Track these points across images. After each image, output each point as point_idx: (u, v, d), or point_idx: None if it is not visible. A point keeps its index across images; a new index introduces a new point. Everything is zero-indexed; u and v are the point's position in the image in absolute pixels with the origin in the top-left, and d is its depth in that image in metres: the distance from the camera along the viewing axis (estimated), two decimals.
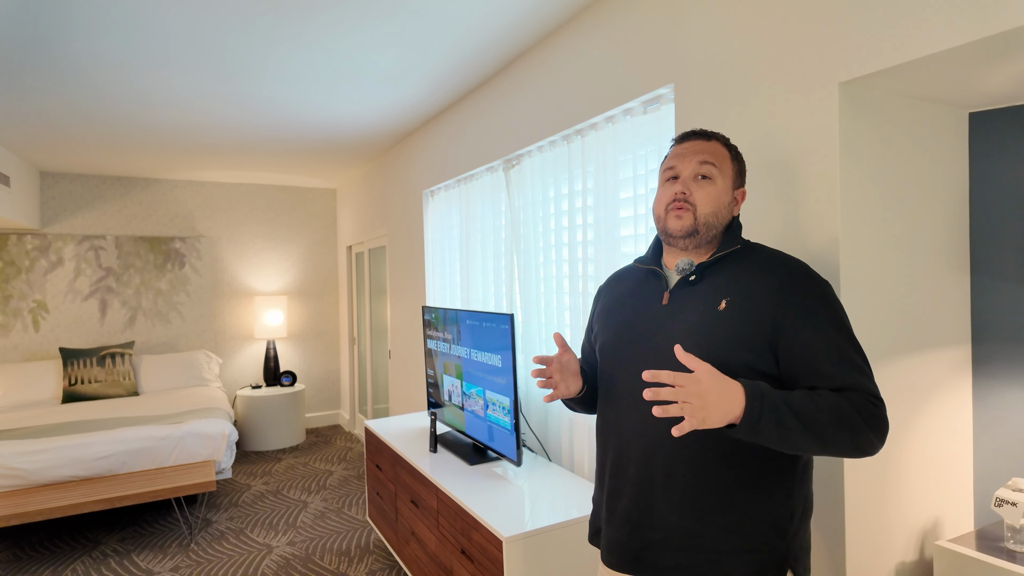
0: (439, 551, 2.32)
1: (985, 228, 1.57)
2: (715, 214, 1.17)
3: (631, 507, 1.17)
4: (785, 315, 1.07)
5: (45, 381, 4.61)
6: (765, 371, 1.09)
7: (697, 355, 1.10)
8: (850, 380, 1.03)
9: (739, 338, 1.08)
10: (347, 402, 5.95)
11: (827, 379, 1.04)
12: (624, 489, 1.19)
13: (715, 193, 1.17)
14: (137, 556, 3.24)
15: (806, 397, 0.99)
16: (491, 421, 2.46)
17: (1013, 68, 1.26)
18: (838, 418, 0.98)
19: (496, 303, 3.03)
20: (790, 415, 0.96)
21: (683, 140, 1.23)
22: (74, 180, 5.03)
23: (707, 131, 1.23)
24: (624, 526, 1.18)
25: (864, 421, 0.99)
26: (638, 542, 1.15)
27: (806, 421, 0.96)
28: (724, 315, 1.10)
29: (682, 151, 1.21)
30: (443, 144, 3.53)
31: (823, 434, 0.97)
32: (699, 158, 1.18)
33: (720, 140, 1.22)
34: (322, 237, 6.04)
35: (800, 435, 0.96)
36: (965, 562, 1.33)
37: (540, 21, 2.32)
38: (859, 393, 1.02)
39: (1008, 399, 1.53)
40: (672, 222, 1.18)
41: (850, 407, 0.99)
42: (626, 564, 1.16)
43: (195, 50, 2.52)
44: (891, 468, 1.46)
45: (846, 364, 1.04)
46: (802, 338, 1.06)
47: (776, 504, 1.10)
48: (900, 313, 1.47)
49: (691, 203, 1.17)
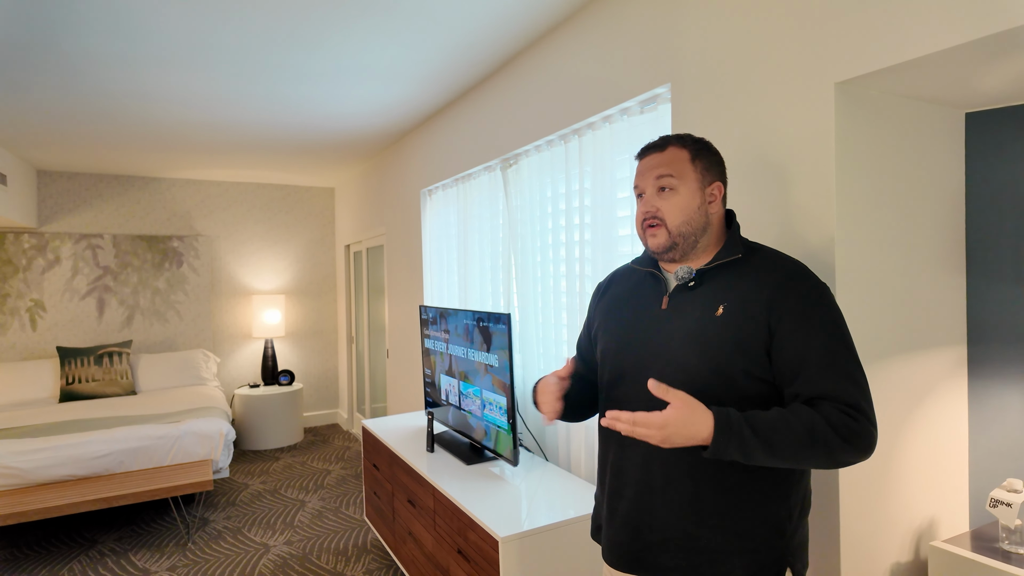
0: (436, 551, 2.32)
1: (981, 228, 1.57)
2: (687, 222, 1.17)
3: (631, 509, 1.18)
4: (778, 319, 1.08)
5: (42, 380, 4.60)
6: (763, 377, 1.09)
7: (696, 362, 1.11)
8: (834, 388, 1.02)
9: (736, 344, 1.08)
10: (345, 401, 5.95)
11: (811, 385, 1.04)
12: (625, 491, 1.20)
13: (680, 202, 1.17)
14: (134, 555, 3.24)
15: (780, 421, 1.00)
16: (488, 421, 2.46)
17: (1009, 68, 1.26)
18: (811, 439, 0.98)
19: (494, 303, 3.03)
20: (757, 445, 0.98)
21: (642, 156, 1.24)
22: (71, 179, 5.02)
23: (663, 138, 1.22)
24: (625, 527, 1.19)
25: (841, 437, 0.99)
26: (638, 543, 1.17)
27: (775, 449, 0.99)
28: (721, 321, 1.11)
29: (642, 168, 1.22)
30: (441, 143, 3.53)
31: (793, 457, 1.00)
32: (655, 173, 1.19)
33: (677, 143, 1.20)
34: (320, 236, 6.03)
35: (768, 459, 1.00)
36: (959, 563, 1.33)
37: (535, 20, 2.32)
38: (840, 405, 1.02)
39: (1004, 399, 1.53)
40: (650, 241, 1.20)
41: (825, 425, 0.99)
42: (627, 564, 1.19)
43: (193, 49, 2.52)
44: (886, 468, 1.46)
45: (834, 370, 1.04)
46: (792, 342, 1.06)
47: (775, 505, 1.11)
48: (896, 313, 1.47)
49: (660, 218, 1.18)
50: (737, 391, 1.09)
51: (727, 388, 1.09)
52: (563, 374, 1.25)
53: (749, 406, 1.09)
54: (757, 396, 1.09)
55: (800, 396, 1.05)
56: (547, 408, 1.24)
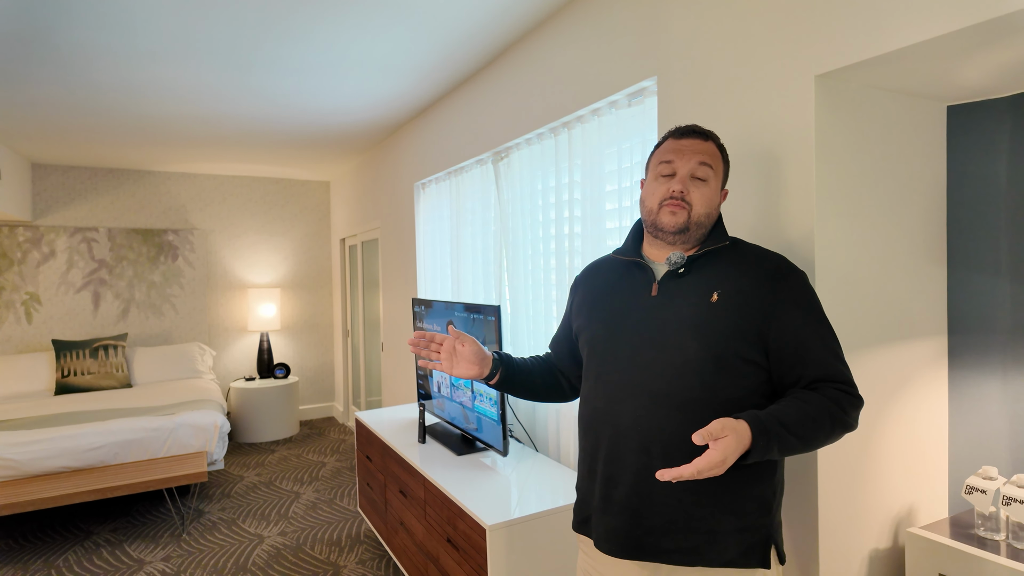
0: (426, 540, 2.34)
1: (962, 220, 1.59)
2: (708, 215, 1.21)
3: (630, 495, 1.18)
4: (776, 307, 1.14)
5: (38, 373, 4.62)
6: (755, 360, 1.15)
7: (694, 346, 1.14)
8: (832, 370, 1.12)
9: (733, 329, 1.13)
10: (341, 395, 5.97)
11: (814, 368, 1.12)
12: (622, 477, 1.20)
13: (709, 194, 1.21)
14: (129, 546, 3.27)
15: (801, 412, 1.06)
16: (479, 412, 2.48)
17: (990, 60, 1.28)
18: (832, 424, 1.08)
19: (486, 295, 3.05)
20: (794, 440, 1.05)
21: (682, 136, 1.23)
22: (66, 172, 5.02)
23: (705, 130, 1.24)
24: (623, 513, 1.19)
25: (848, 416, 1.10)
26: (639, 528, 1.17)
27: (806, 439, 1.06)
28: (718, 307, 1.15)
29: (681, 148, 1.22)
30: (433, 137, 3.53)
31: (821, 441, 1.09)
32: (698, 158, 1.20)
33: (715, 141, 1.24)
34: (315, 229, 6.04)
35: (801, 450, 1.07)
36: (935, 548, 1.36)
37: (525, 13, 2.33)
38: (840, 385, 1.12)
39: (983, 389, 1.55)
40: (666, 218, 1.20)
41: (836, 406, 1.09)
42: (627, 550, 1.18)
43: (183, 42, 2.52)
44: (866, 457, 1.48)
45: (828, 354, 1.13)
46: (791, 329, 1.13)
47: (763, 483, 1.16)
48: (877, 305, 1.49)
49: (688, 202, 1.19)
50: (730, 372, 1.14)
51: (722, 370, 1.13)
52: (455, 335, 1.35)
53: (741, 386, 1.14)
54: (747, 376, 1.15)
55: (803, 379, 1.13)
56: (449, 368, 1.35)
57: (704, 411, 1.13)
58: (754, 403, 1.15)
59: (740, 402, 1.14)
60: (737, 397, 1.14)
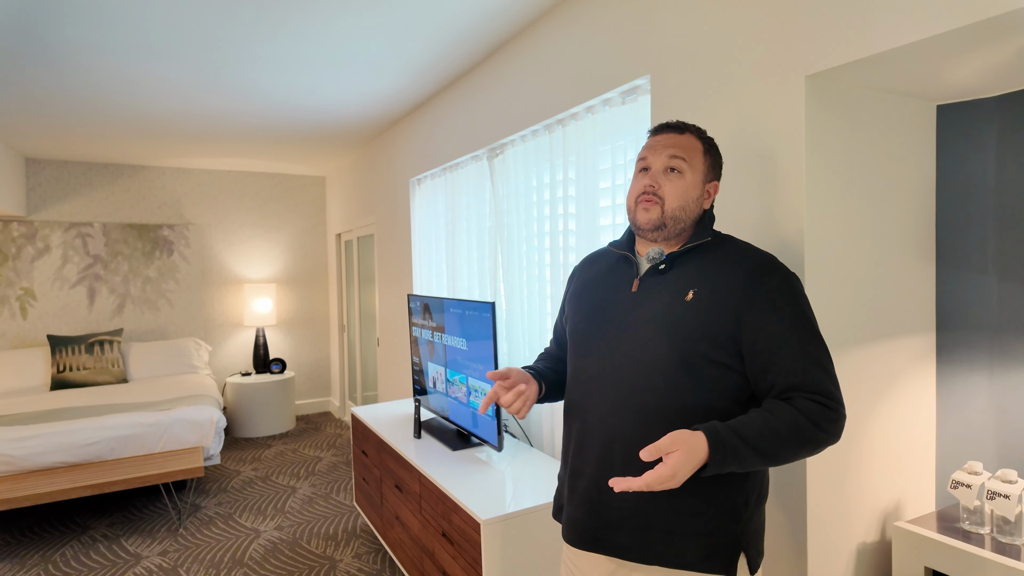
0: (421, 534, 2.36)
1: (951, 219, 1.61)
2: (683, 208, 1.19)
3: (591, 487, 1.19)
4: (748, 309, 1.10)
5: (33, 368, 4.62)
6: (724, 362, 1.11)
7: (663, 345, 1.12)
8: (808, 378, 1.06)
9: (703, 330, 1.10)
10: (337, 390, 5.98)
11: (786, 375, 1.07)
12: (585, 470, 1.21)
13: (683, 187, 1.19)
14: (126, 541, 3.28)
15: (765, 426, 1.02)
16: (474, 407, 2.49)
17: (979, 61, 1.29)
18: (798, 439, 1.02)
19: (481, 291, 3.06)
20: (752, 455, 1.01)
21: (657, 132, 1.24)
22: (60, 167, 5.00)
23: (682, 123, 1.24)
24: (584, 505, 1.20)
25: (821, 429, 1.04)
26: (596, 521, 1.18)
27: (766, 454, 1.01)
28: (691, 306, 1.13)
29: (654, 143, 1.22)
30: (429, 132, 3.54)
31: (785, 458, 1.03)
32: (669, 151, 1.19)
33: (695, 133, 1.23)
34: (311, 225, 6.04)
35: (762, 464, 1.03)
36: (921, 542, 1.38)
37: (520, 11, 2.33)
38: (814, 395, 1.06)
39: (970, 385, 1.57)
40: (640, 215, 1.20)
41: (806, 421, 1.03)
42: (584, 542, 1.20)
43: (180, 38, 2.52)
44: (854, 453, 1.50)
45: (806, 360, 1.07)
46: (764, 333, 1.08)
47: (732, 489, 1.13)
48: (866, 301, 1.51)
49: (659, 196, 1.18)
50: (696, 375, 1.11)
51: (687, 372, 1.11)
52: (502, 378, 1.24)
53: (709, 390, 1.11)
54: (716, 380, 1.12)
55: (775, 386, 1.08)
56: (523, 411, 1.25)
57: (668, 413, 1.11)
58: (728, 410, 1.12)
59: (711, 407, 1.11)
60: (707, 402, 1.11)
